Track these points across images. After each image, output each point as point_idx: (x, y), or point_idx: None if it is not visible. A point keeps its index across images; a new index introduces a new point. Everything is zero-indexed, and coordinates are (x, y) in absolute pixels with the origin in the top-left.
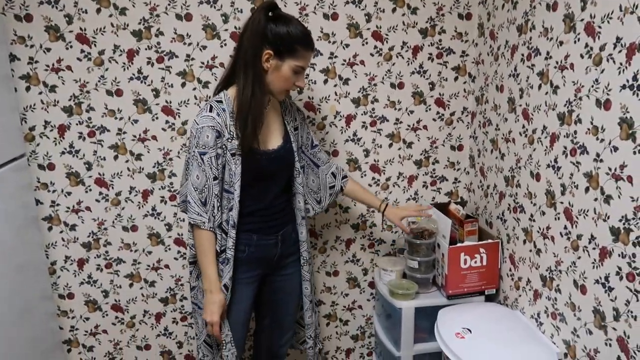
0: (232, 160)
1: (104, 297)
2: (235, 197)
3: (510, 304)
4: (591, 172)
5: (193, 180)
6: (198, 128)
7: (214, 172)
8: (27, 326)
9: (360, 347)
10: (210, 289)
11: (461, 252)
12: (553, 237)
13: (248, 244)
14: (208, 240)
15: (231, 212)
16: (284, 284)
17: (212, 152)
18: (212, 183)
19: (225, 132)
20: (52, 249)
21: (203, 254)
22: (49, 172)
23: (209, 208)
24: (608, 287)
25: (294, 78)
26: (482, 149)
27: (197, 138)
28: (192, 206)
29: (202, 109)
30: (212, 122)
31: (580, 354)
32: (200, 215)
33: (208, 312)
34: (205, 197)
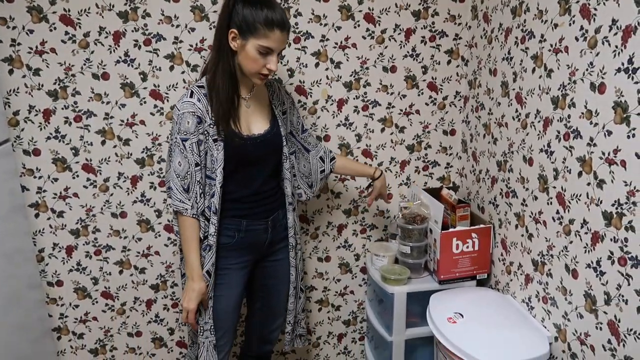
0: (214, 146)
1: (93, 284)
2: (216, 184)
3: (501, 288)
4: (584, 157)
5: (175, 167)
6: (179, 114)
7: (196, 158)
8: (15, 314)
9: (352, 332)
10: (192, 276)
11: (453, 237)
12: (545, 222)
13: (238, 230)
14: (191, 227)
15: (213, 199)
16: (275, 270)
17: (193, 138)
18: (194, 169)
19: (206, 118)
20: (40, 236)
21: (185, 241)
22: (35, 158)
23: (192, 195)
24: (599, 272)
25: (262, 60)
26: (475, 133)
27: (179, 124)
28: (174, 193)
29: (183, 95)
30: (193, 108)
31: (570, 337)
32: (182, 202)
33: (186, 298)
34: (187, 183)
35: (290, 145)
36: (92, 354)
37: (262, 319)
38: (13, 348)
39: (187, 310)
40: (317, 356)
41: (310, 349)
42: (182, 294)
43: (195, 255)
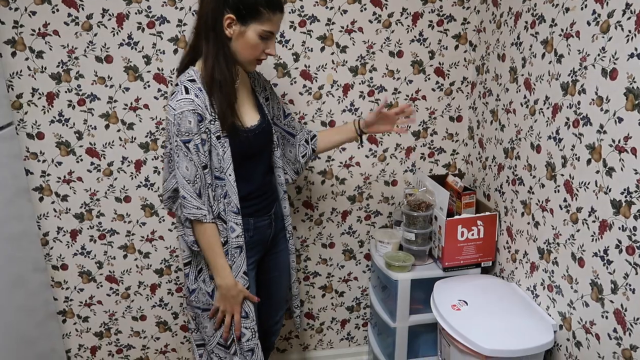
0: (219, 144)
1: (98, 268)
2: (229, 183)
3: (506, 276)
4: (594, 144)
5: (183, 173)
6: (176, 114)
7: (203, 159)
8: (21, 297)
9: (355, 318)
10: (228, 279)
11: (458, 224)
12: (552, 210)
13: (247, 229)
14: (213, 232)
15: (227, 199)
16: (276, 262)
17: (196, 139)
18: (202, 172)
19: (206, 114)
20: (44, 220)
21: (210, 248)
22: (38, 142)
23: (205, 199)
24: (607, 260)
25: (262, 45)
26: (482, 120)
27: (178, 125)
28: (188, 201)
29: (175, 91)
30: (192, 105)
31: (575, 325)
32: (199, 208)
33: (228, 304)
34: (199, 188)
35: (275, 131)
36: (97, 337)
37: (266, 313)
38: (19, 330)
39: (232, 312)
40: (321, 342)
41: (314, 334)
42: (218, 301)
43: (224, 259)
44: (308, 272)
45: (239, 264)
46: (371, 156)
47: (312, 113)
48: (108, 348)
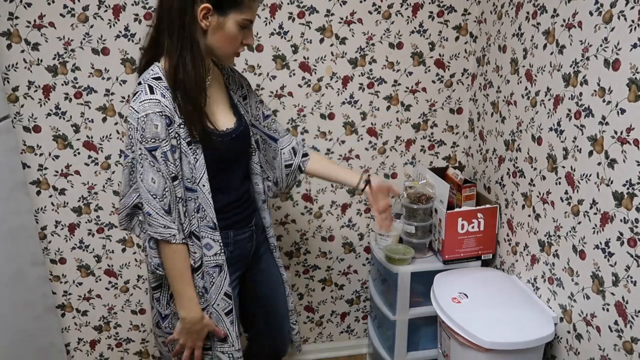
0: (190, 151)
1: (96, 262)
2: (203, 195)
3: (506, 269)
4: (596, 136)
5: (149, 186)
6: (140, 117)
7: (172, 169)
8: (19, 291)
9: (355, 311)
10: (193, 311)
11: (459, 217)
12: (553, 202)
13: (226, 244)
14: (183, 255)
15: (201, 213)
16: (265, 277)
17: (164, 146)
18: (171, 185)
19: (175, 117)
20: (42, 214)
21: (178, 275)
22: (35, 135)
23: (175, 216)
24: (608, 253)
25: (241, 35)
26: (482, 112)
27: (142, 131)
28: (154, 219)
29: (137, 92)
30: (158, 107)
31: (576, 318)
32: (167, 227)
33: (190, 339)
34: (168, 202)
35: (253, 134)
36: (97, 330)
37: (272, 335)
38: (18, 324)
39: (194, 347)
40: (320, 334)
41: (314, 327)
42: (178, 333)
43: (192, 289)
44: (307, 265)
45: (218, 285)
46: (371, 149)
47: (311, 105)
48: (107, 342)
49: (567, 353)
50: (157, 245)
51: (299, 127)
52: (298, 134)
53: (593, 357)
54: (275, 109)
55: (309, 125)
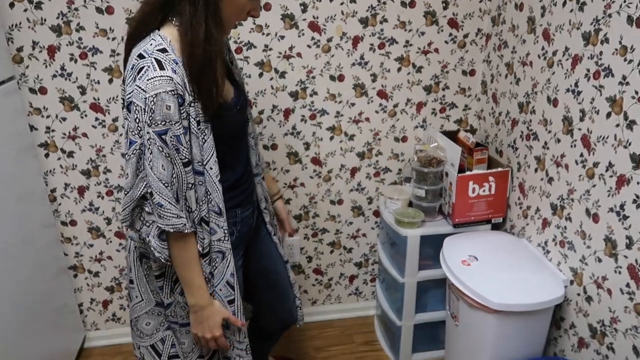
0: (199, 131)
1: (106, 224)
2: (210, 178)
3: (517, 232)
4: (615, 96)
5: (159, 174)
6: (149, 97)
7: (185, 154)
8: (31, 253)
9: (363, 274)
10: (205, 300)
11: (470, 180)
12: (567, 165)
13: (234, 224)
14: (192, 246)
15: (208, 197)
16: (264, 250)
17: (177, 128)
18: (182, 170)
19: (186, 95)
20: (51, 176)
21: (187, 265)
22: (41, 97)
23: (182, 204)
24: (623, 216)
25: (250, 5)
26: (496, 73)
27: (151, 112)
28: (166, 209)
29: (143, 67)
30: (171, 85)
31: (587, 281)
32: (179, 217)
33: (206, 328)
34: (176, 190)
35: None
36: (108, 291)
37: (278, 306)
38: (31, 285)
39: (214, 338)
40: (329, 297)
41: (322, 289)
42: (193, 327)
43: (202, 278)
44: (316, 228)
45: (221, 271)
46: (381, 111)
47: (320, 67)
48: (119, 302)
49: (576, 315)
50: (167, 237)
51: (307, 89)
52: (307, 96)
53: (602, 319)
54: (283, 71)
55: (318, 87)
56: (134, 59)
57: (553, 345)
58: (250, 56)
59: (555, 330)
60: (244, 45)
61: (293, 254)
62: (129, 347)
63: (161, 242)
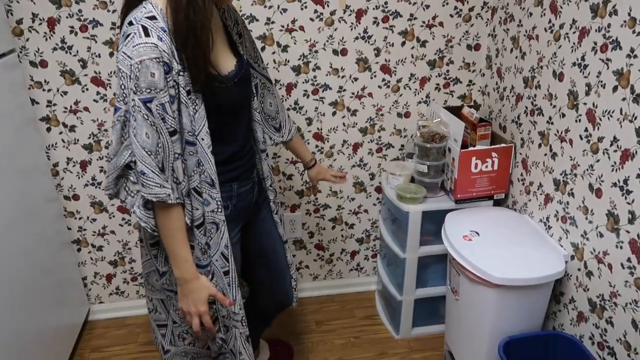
0: (189, 101)
1: (109, 199)
2: (202, 149)
3: (519, 208)
4: (622, 70)
5: (143, 142)
6: (134, 64)
7: (171, 123)
8: (35, 227)
9: (365, 250)
10: (190, 274)
11: (472, 156)
12: (571, 140)
13: (229, 198)
14: (177, 216)
15: (200, 168)
16: (264, 229)
17: (162, 97)
18: (168, 140)
19: (174, 63)
20: (53, 151)
21: (171, 235)
22: (42, 70)
23: (168, 174)
24: (626, 190)
25: None
26: (501, 48)
27: (136, 79)
28: (149, 178)
29: (129, 34)
30: (155, 52)
31: (588, 256)
32: (162, 186)
33: (191, 302)
34: (161, 159)
35: (253, 78)
36: (112, 265)
37: (274, 285)
38: (35, 258)
39: (199, 314)
40: (330, 272)
41: (324, 264)
42: (182, 299)
43: (187, 249)
44: (318, 204)
45: (216, 242)
46: (384, 87)
47: (323, 40)
48: (123, 276)
49: (577, 290)
50: (153, 207)
51: (310, 63)
52: (310, 70)
53: (602, 293)
54: (286, 44)
55: (320, 62)
56: (125, 26)
57: (552, 319)
58: (252, 29)
59: (555, 304)
60: (246, 18)
61: (295, 229)
62: (133, 320)
63: (147, 211)
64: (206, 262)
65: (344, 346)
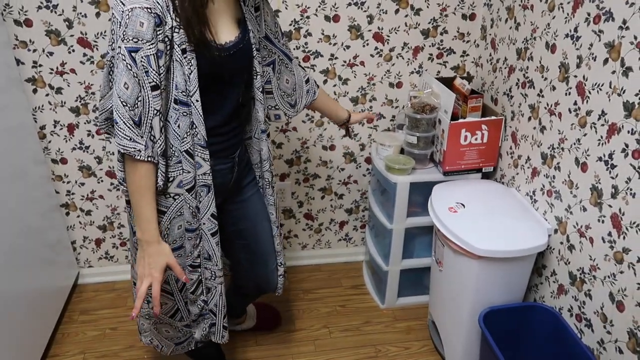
0: (185, 60)
1: (97, 163)
2: (196, 109)
3: (506, 182)
4: (613, 42)
5: (120, 91)
6: (125, 10)
7: (154, 78)
8: (23, 188)
9: (354, 220)
10: (150, 236)
11: (462, 128)
12: (560, 114)
13: None
14: (146, 174)
15: (194, 130)
16: (245, 211)
17: (149, 49)
18: (149, 95)
19: (167, 18)
20: (40, 113)
21: (138, 194)
22: (27, 29)
23: (145, 130)
24: (611, 165)
25: None
26: (497, 17)
27: (125, 27)
28: (120, 128)
29: None
30: (149, 2)
31: (570, 230)
32: (133, 140)
33: (147, 265)
34: (138, 114)
35: (267, 54)
36: (101, 230)
37: (255, 271)
38: (23, 220)
39: (152, 279)
40: (319, 241)
41: (312, 234)
42: (138, 261)
43: (152, 210)
44: (308, 173)
45: (206, 204)
46: (376, 55)
47: (315, 6)
48: (112, 241)
49: (558, 263)
50: (123, 159)
51: (302, 29)
52: (301, 37)
53: (582, 267)
54: (276, 9)
55: (312, 28)
56: None
57: (534, 291)
58: None
59: (537, 277)
60: None
61: (284, 198)
62: (122, 285)
63: (118, 161)
64: (195, 225)
65: (330, 314)
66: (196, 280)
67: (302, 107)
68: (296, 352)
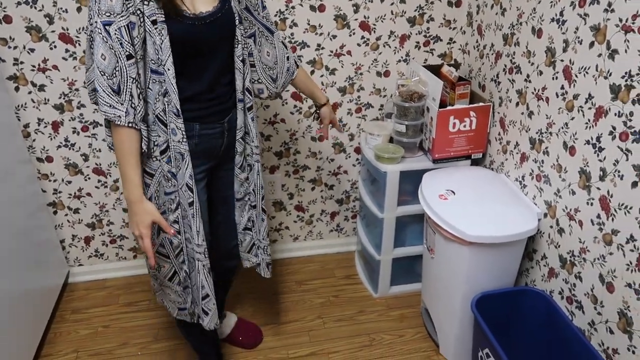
0: (155, 31)
1: (84, 160)
2: (168, 78)
3: (496, 167)
4: (599, 25)
5: (98, 62)
6: None
7: (127, 48)
8: (9, 188)
9: (345, 211)
10: (135, 196)
11: (451, 115)
12: (548, 99)
13: (191, 137)
14: (128, 139)
15: (167, 98)
16: (229, 180)
17: (120, 21)
18: (124, 64)
19: None
20: (23, 111)
21: (122, 157)
22: (6, 26)
23: (125, 97)
24: (598, 148)
25: None
26: (482, 4)
27: (98, 2)
28: (101, 96)
29: None
30: None
31: (560, 213)
32: (113, 107)
33: (133, 223)
34: (117, 82)
35: (248, 25)
36: (90, 228)
37: (224, 234)
38: (10, 221)
39: (140, 236)
40: (310, 233)
41: (304, 226)
42: (129, 219)
43: (136, 172)
44: (297, 165)
45: (182, 173)
46: (363, 44)
47: None
48: (101, 238)
49: (548, 247)
50: (109, 125)
51: (287, 19)
52: (287, 27)
53: (572, 250)
54: None
55: (297, 18)
56: None
57: (525, 275)
58: None
59: (528, 261)
60: None
61: (274, 190)
62: (113, 282)
63: (106, 127)
64: (170, 189)
65: (323, 305)
66: (177, 246)
67: (282, 85)
68: (291, 344)
